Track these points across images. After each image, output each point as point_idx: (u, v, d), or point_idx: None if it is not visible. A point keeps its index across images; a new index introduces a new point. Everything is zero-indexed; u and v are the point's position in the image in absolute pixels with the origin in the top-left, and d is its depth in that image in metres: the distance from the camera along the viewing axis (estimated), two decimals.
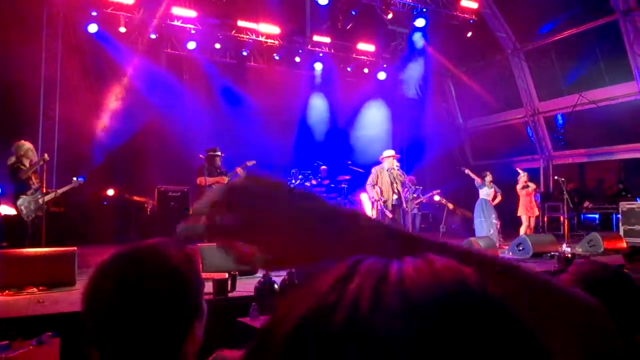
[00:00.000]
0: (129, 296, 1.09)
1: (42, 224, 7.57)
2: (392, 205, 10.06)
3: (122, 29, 13.18)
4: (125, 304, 1.09)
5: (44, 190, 7.78)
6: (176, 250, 1.19)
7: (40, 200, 7.85)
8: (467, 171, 12.43)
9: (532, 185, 12.70)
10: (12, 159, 7.66)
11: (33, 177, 7.76)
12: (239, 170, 9.98)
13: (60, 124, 12.52)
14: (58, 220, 10.09)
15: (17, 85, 11.45)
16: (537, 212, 12.76)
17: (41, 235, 7.46)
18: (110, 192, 12.97)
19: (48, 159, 7.86)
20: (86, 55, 12.65)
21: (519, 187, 12.55)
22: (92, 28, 12.64)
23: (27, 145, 7.85)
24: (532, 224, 12.59)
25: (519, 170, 12.91)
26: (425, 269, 0.44)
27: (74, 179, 8.37)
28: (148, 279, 1.12)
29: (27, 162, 7.67)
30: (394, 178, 10.14)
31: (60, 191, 8.39)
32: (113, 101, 13.04)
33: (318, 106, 16.02)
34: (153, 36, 13.55)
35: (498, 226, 12.11)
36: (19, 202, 7.57)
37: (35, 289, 5.72)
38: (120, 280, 1.11)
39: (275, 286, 5.36)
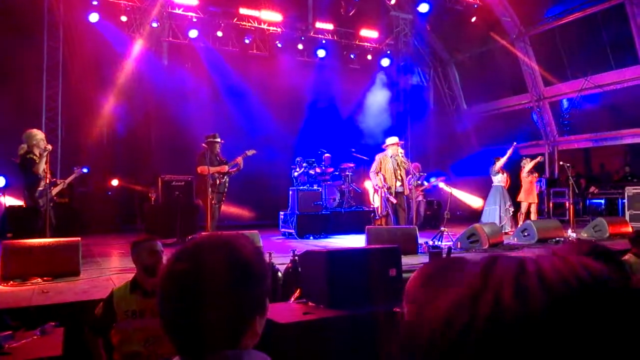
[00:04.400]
0: (201, 279, 1.13)
1: (47, 215, 7.54)
2: (396, 192, 10.02)
3: (123, 18, 13.12)
4: (196, 286, 1.13)
5: (48, 181, 7.71)
6: (249, 244, 1.25)
7: (53, 192, 7.84)
8: (510, 150, 12.26)
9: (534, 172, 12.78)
10: (24, 148, 7.55)
11: (46, 168, 7.68)
12: (239, 159, 9.92)
13: (63, 114, 12.51)
14: (62, 210, 10.10)
15: (19, 76, 11.43)
16: (537, 200, 12.78)
17: (46, 226, 7.43)
18: (115, 182, 12.98)
19: (51, 148, 7.79)
20: (88, 45, 12.58)
21: (524, 173, 12.51)
22: (93, 17, 12.59)
23: (39, 134, 7.68)
24: (534, 209, 12.57)
25: (525, 159, 12.86)
26: (561, 265, 0.51)
27: (75, 168, 8.32)
28: (221, 266, 1.16)
29: (37, 152, 7.54)
30: (398, 165, 10.09)
31: (67, 182, 8.36)
32: (115, 91, 12.98)
33: (321, 94, 15.92)
34: (154, 25, 13.47)
35: (511, 212, 12.11)
36: (37, 194, 7.52)
37: (39, 280, 5.72)
38: (195, 263, 1.16)
39: (279, 274, 5.34)
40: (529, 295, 0.48)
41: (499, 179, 12.22)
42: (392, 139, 10.39)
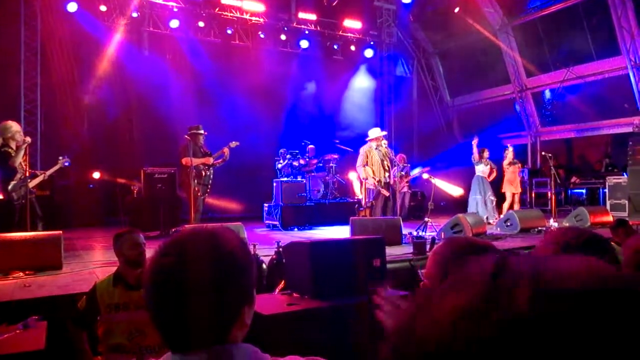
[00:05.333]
0: (186, 272, 1.15)
1: (27, 208, 7.41)
2: (384, 183, 10.04)
3: (103, 8, 12.92)
4: (182, 279, 1.14)
5: (28, 174, 7.58)
6: (233, 236, 1.26)
7: (30, 184, 7.69)
8: (474, 142, 12.38)
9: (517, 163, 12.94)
10: None
11: (22, 161, 7.54)
12: (226, 150, 9.87)
13: (42, 107, 12.30)
14: (43, 204, 9.96)
15: None
16: (520, 189, 12.95)
17: (26, 220, 7.31)
18: (96, 175, 12.83)
19: (30, 141, 7.65)
20: (67, 35, 12.36)
21: (505, 162, 12.68)
22: (72, 7, 12.35)
23: (14, 126, 7.49)
24: (517, 199, 12.73)
25: (508, 146, 13.02)
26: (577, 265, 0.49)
27: (60, 158, 8.16)
28: (206, 258, 1.17)
29: (14, 145, 7.39)
30: (383, 155, 10.10)
31: (48, 173, 8.20)
32: (96, 82, 12.80)
33: (305, 85, 15.87)
34: (135, 14, 13.29)
35: (494, 202, 12.25)
36: (10, 187, 7.38)
37: (21, 274, 5.66)
38: (180, 257, 1.17)
39: (264, 266, 5.33)
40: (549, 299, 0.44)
41: (481, 169, 12.37)
42: (375, 131, 10.39)
